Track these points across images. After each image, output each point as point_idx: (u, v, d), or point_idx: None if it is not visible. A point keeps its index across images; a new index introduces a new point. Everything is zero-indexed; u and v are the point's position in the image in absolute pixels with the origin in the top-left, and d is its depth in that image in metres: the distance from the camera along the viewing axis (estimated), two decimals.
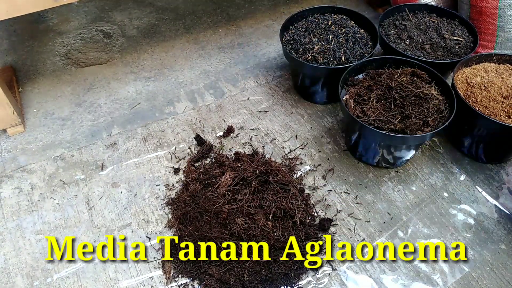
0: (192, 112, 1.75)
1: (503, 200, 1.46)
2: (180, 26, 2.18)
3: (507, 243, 1.35)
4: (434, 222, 1.40)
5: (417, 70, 1.50)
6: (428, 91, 1.42)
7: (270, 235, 1.25)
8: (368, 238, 1.35)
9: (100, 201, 1.44)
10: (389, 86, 1.45)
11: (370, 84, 1.48)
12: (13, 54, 1.99)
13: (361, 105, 1.43)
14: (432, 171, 1.54)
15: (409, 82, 1.46)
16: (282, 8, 2.32)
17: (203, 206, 1.30)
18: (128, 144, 1.62)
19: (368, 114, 1.38)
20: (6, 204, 1.43)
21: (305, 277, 1.25)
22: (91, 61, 1.98)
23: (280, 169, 1.42)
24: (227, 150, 1.59)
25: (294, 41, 1.69)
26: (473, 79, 1.50)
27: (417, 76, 1.50)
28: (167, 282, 1.24)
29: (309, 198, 1.43)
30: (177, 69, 1.95)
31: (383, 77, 1.48)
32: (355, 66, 1.53)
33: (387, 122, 1.36)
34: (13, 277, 1.26)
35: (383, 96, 1.43)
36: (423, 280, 1.26)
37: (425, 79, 1.50)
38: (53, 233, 1.35)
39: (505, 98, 1.43)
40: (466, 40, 1.69)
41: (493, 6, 1.75)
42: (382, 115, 1.38)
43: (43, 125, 1.69)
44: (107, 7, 2.28)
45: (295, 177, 1.50)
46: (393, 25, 1.79)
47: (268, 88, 1.85)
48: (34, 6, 1.35)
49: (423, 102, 1.40)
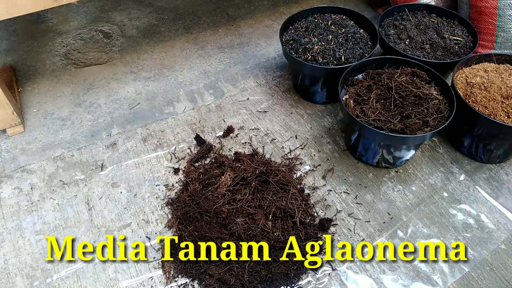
0: (192, 112, 1.75)
1: (503, 200, 1.46)
2: (180, 26, 2.18)
3: (507, 243, 1.35)
4: (434, 222, 1.40)
5: (416, 70, 1.51)
6: (428, 91, 1.42)
7: (270, 235, 1.25)
8: (368, 238, 1.35)
9: (100, 201, 1.44)
10: (388, 86, 1.45)
11: (369, 84, 1.48)
12: (13, 54, 1.99)
13: (361, 105, 1.43)
14: (432, 171, 1.54)
15: (408, 82, 1.46)
16: (281, 8, 2.32)
17: (203, 206, 1.30)
18: (128, 144, 1.62)
19: (368, 114, 1.38)
20: (6, 204, 1.43)
21: (305, 277, 1.25)
22: (90, 61, 1.98)
23: (280, 169, 1.42)
24: (227, 150, 1.59)
25: (294, 41, 1.69)
26: (473, 79, 1.50)
27: (417, 76, 1.50)
28: (167, 282, 1.24)
29: (309, 198, 1.43)
30: (177, 69, 1.95)
31: (382, 77, 1.48)
32: (355, 66, 1.53)
33: (386, 122, 1.36)
34: (13, 277, 1.26)
35: (383, 96, 1.43)
36: (423, 280, 1.26)
37: (424, 79, 1.50)
38: (53, 233, 1.35)
39: (504, 98, 1.43)
40: (466, 40, 1.69)
41: (492, 6, 1.75)
42: (382, 115, 1.38)
43: (43, 125, 1.69)
44: (107, 7, 2.28)
45: (295, 177, 1.50)
46: (392, 25, 1.79)
47: (267, 88, 1.85)
48: (34, 6, 1.35)
49: (423, 102, 1.40)
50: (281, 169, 1.44)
